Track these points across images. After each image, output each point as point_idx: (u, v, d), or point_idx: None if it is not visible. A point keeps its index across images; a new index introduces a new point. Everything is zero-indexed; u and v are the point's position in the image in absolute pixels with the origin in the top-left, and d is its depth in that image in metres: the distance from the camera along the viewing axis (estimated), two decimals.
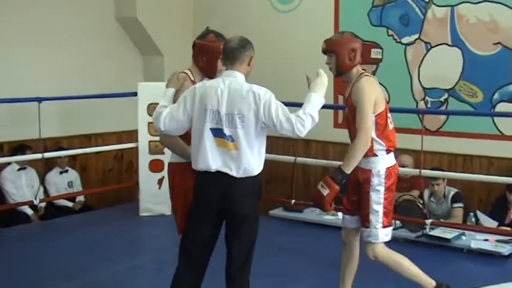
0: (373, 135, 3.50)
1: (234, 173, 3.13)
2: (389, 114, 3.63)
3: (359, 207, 3.62)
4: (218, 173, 3.15)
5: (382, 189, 3.52)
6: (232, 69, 3.22)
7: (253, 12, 7.16)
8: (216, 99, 3.13)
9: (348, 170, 3.42)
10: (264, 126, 3.15)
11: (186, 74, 3.55)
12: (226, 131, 3.12)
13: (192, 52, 3.60)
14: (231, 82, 3.17)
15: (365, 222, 3.57)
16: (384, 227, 3.55)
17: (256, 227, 3.27)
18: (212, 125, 3.14)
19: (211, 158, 3.14)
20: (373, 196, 3.52)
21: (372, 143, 3.49)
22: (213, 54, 3.49)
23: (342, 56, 3.55)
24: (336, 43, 3.59)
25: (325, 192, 3.40)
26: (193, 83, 3.52)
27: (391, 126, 3.63)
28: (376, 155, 3.52)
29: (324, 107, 3.26)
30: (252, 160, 3.15)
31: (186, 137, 3.35)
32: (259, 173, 3.20)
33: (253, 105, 3.10)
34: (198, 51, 3.55)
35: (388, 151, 3.56)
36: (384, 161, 3.55)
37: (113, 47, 7.34)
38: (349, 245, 3.77)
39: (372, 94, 3.48)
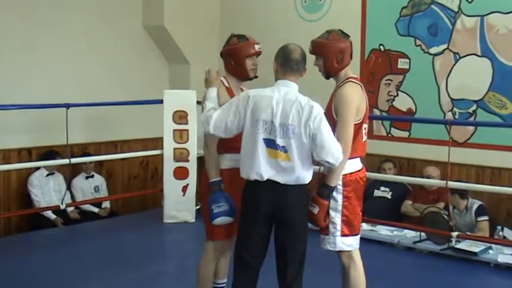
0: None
1: (285, 182, 3.15)
2: (365, 125, 3.49)
3: None
4: (269, 181, 3.16)
5: (339, 196, 3.39)
6: (288, 79, 3.22)
7: (279, 21, 7.19)
8: (270, 110, 3.13)
9: (333, 183, 3.33)
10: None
11: (221, 81, 3.58)
12: (280, 142, 3.12)
13: (223, 62, 3.63)
14: (286, 92, 3.17)
15: (324, 228, 3.46)
16: (344, 235, 3.43)
17: (306, 234, 3.27)
18: (265, 136, 3.14)
19: (263, 167, 3.14)
20: (331, 203, 3.39)
21: None
22: (238, 55, 3.51)
23: (330, 59, 3.41)
24: (323, 45, 3.44)
25: (315, 210, 3.33)
26: (228, 89, 3.55)
27: (364, 138, 3.50)
28: None
29: None
30: (304, 169, 3.16)
31: (232, 139, 3.37)
32: (310, 182, 3.22)
33: (310, 119, 3.09)
34: (225, 57, 3.59)
35: (350, 158, 3.39)
36: None
37: (140, 55, 7.41)
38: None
39: (354, 102, 3.35)
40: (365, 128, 3.50)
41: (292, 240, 3.22)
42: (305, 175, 3.18)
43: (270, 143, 3.14)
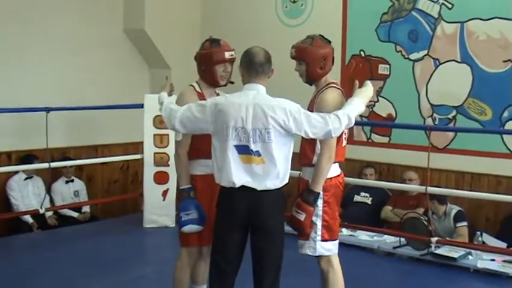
0: (319, 149, 3.35)
1: (259, 187, 3.12)
2: (346, 130, 3.46)
3: None
4: (243, 187, 3.13)
5: (320, 201, 3.37)
6: (255, 83, 3.19)
7: (260, 26, 7.20)
8: (240, 115, 3.09)
9: (318, 189, 3.32)
10: (293, 138, 3.15)
11: (193, 86, 3.59)
12: (254, 147, 3.09)
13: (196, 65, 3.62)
14: (254, 96, 3.14)
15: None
16: (324, 240, 3.43)
17: (283, 239, 3.26)
18: (236, 142, 3.11)
19: (236, 174, 3.11)
20: None
21: (313, 154, 3.37)
22: (208, 61, 3.51)
23: (313, 65, 3.39)
24: (306, 51, 3.40)
25: (302, 216, 3.30)
26: (199, 94, 3.54)
27: (344, 142, 3.50)
28: (314, 166, 3.36)
29: None
30: (279, 173, 3.14)
31: (202, 141, 3.36)
32: (284, 185, 3.20)
33: (284, 119, 3.07)
34: (197, 62, 3.58)
35: None
36: None
37: (120, 59, 7.37)
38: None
39: (336, 108, 3.32)
40: (345, 134, 3.51)
41: (268, 245, 3.20)
42: (279, 179, 3.15)
43: (243, 149, 3.11)
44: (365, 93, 3.31)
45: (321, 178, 3.31)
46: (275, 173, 3.13)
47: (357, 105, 3.22)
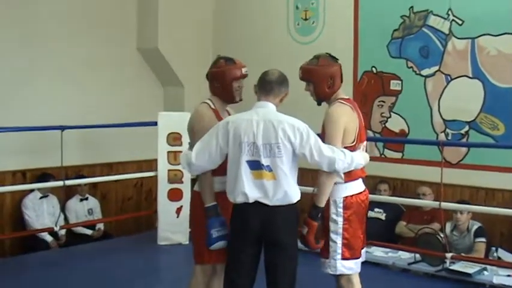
0: None
1: (272, 202, 3.17)
2: (362, 146, 3.49)
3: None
4: (256, 203, 3.18)
5: (340, 219, 3.37)
6: (265, 101, 3.28)
7: (272, 43, 7.24)
8: (252, 131, 3.17)
9: (321, 204, 3.31)
10: (298, 157, 3.19)
11: (207, 103, 3.62)
12: (264, 161, 3.15)
13: (208, 82, 3.65)
14: (264, 113, 3.22)
15: (324, 252, 3.44)
16: (345, 259, 3.41)
17: (297, 254, 3.28)
18: (248, 158, 3.17)
19: (248, 189, 3.17)
20: (331, 226, 3.37)
21: None
22: (224, 78, 3.54)
23: (321, 85, 3.41)
24: (312, 72, 3.43)
25: (305, 230, 3.32)
26: (214, 110, 3.57)
27: None
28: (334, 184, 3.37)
29: None
30: (290, 188, 3.19)
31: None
32: (297, 201, 3.23)
33: (292, 136, 3.14)
34: (211, 79, 3.62)
35: (348, 181, 3.39)
36: (341, 190, 3.39)
37: (134, 77, 7.45)
38: None
39: (341, 122, 3.33)
40: (361, 149, 3.50)
41: (282, 260, 3.23)
42: (291, 194, 3.19)
43: (254, 165, 3.17)
44: (365, 156, 3.44)
45: (322, 193, 3.32)
46: (286, 188, 3.17)
47: (358, 155, 3.34)
